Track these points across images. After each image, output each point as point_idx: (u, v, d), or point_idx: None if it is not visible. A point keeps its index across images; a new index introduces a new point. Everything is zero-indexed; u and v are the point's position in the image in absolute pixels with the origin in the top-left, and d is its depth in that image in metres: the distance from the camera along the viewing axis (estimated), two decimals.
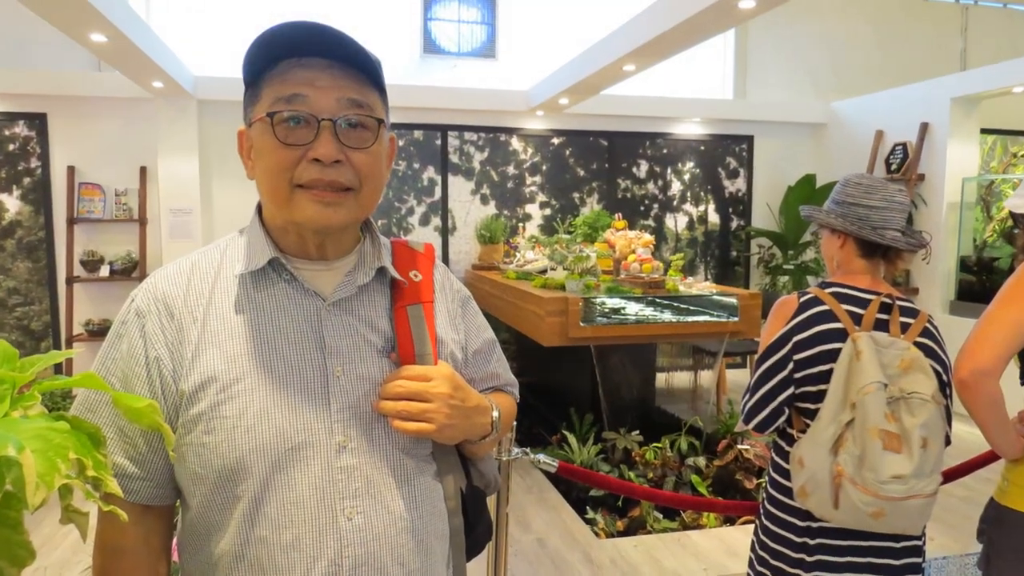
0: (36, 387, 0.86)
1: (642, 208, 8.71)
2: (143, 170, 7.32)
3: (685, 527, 4.54)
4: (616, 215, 6.52)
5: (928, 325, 2.22)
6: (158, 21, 7.53)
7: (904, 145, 7.65)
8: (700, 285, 5.62)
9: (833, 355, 2.15)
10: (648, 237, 5.84)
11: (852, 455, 2.02)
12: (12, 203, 7.20)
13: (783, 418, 2.21)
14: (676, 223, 8.83)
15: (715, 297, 5.39)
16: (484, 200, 8.29)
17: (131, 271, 7.20)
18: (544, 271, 6.16)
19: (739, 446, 4.96)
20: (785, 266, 8.33)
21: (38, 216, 7.22)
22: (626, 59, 5.80)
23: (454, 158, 8.16)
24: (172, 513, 1.33)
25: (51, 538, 4.32)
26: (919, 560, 2.21)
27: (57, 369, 6.11)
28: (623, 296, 5.19)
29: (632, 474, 4.89)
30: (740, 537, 4.39)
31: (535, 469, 5.27)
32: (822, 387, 2.16)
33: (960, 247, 7.45)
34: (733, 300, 5.27)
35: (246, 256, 1.31)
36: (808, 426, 2.17)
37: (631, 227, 6.66)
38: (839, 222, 2.29)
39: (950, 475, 3.03)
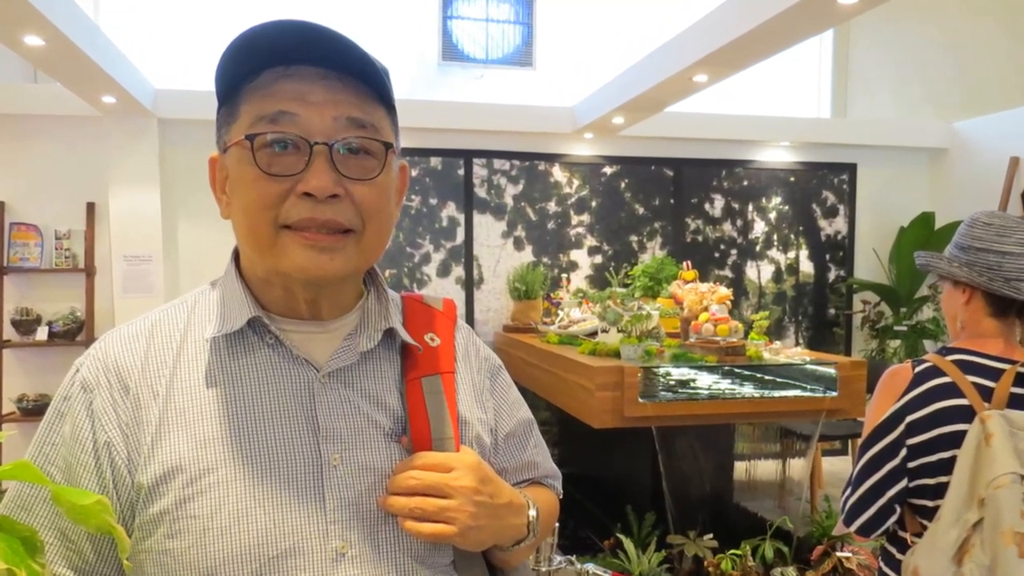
0: None
1: (717, 255, 8.71)
2: (91, 207, 7.38)
3: None
4: (684, 263, 6.52)
5: None
6: (110, 22, 7.51)
7: None
8: (789, 351, 5.58)
9: (956, 439, 2.13)
10: (724, 291, 5.82)
11: (980, 565, 2.00)
12: None
13: (893, 518, 2.20)
14: (759, 273, 8.82)
15: (808, 366, 5.35)
16: (518, 244, 8.32)
17: (75, 334, 7.28)
18: (594, 334, 6.15)
19: (839, 553, 4.90)
20: (896, 327, 8.24)
21: None
22: (696, 68, 5.83)
23: (481, 191, 8.22)
24: None
25: None
26: None
27: None
28: (693, 365, 5.16)
29: None
30: None
31: None
32: (942, 479, 2.14)
33: None
34: (831, 370, 5.22)
35: (220, 315, 1.32)
36: (925, 528, 2.15)
37: (703, 279, 6.64)
38: (964, 272, 2.28)
39: None
